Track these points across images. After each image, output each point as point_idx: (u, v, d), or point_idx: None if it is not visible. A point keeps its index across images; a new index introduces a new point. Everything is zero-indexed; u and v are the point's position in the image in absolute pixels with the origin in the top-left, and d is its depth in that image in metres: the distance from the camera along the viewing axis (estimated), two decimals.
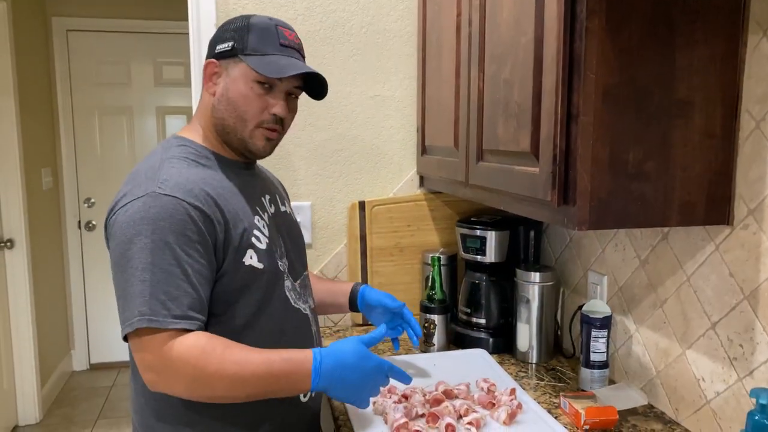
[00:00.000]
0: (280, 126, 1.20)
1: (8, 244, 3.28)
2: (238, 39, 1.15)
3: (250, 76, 1.14)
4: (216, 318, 1.12)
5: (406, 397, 1.34)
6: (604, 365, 1.46)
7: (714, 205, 1.13)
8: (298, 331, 1.24)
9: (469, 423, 1.25)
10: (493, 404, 1.33)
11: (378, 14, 1.93)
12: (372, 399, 1.33)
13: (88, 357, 4.30)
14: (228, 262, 1.11)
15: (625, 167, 1.07)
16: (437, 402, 1.31)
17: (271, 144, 1.21)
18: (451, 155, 1.64)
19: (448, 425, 1.21)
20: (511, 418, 1.28)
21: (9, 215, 3.30)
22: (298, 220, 1.92)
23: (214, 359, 1.03)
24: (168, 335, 1.02)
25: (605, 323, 1.44)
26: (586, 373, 1.47)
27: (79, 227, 4.18)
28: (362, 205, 1.95)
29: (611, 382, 1.51)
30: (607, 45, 1.04)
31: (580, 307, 1.51)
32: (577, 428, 1.29)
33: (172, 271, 1.03)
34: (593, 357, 1.45)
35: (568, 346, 1.72)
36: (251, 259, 1.14)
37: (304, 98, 1.89)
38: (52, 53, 4.00)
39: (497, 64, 1.32)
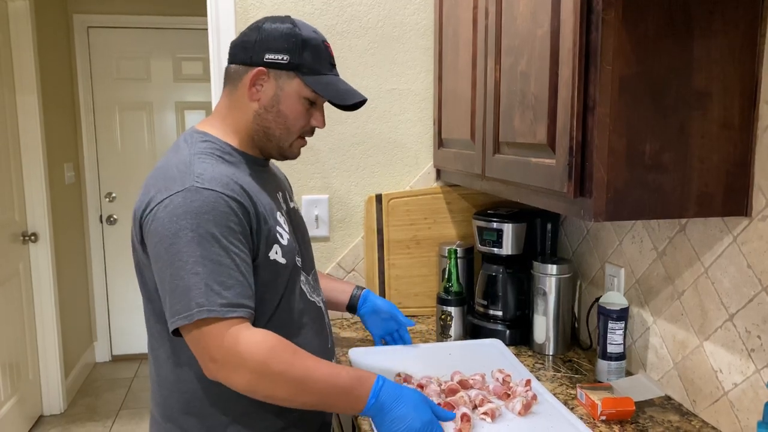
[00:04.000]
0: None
1: (32, 237, 3.34)
2: (293, 54, 1.16)
3: (302, 93, 1.18)
4: None
5: (421, 386, 1.36)
6: (621, 357, 1.46)
7: (732, 197, 1.12)
8: (314, 323, 1.26)
9: (485, 413, 1.26)
10: (509, 395, 1.34)
11: (395, 7, 1.94)
12: None
13: (110, 349, 4.37)
14: (259, 256, 1.14)
15: (641, 159, 1.07)
16: (452, 392, 1.33)
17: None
18: (467, 148, 1.65)
19: (463, 415, 1.22)
20: (527, 408, 1.29)
21: (33, 209, 3.36)
22: (316, 213, 1.96)
23: (282, 359, 1.05)
24: (226, 325, 1.04)
25: (622, 315, 1.44)
26: (602, 364, 1.47)
27: (101, 221, 4.24)
28: (379, 198, 1.96)
29: (628, 373, 1.51)
30: (624, 36, 1.03)
31: (597, 299, 1.51)
32: (594, 419, 1.29)
33: (222, 262, 1.05)
34: (610, 349, 1.45)
35: (585, 338, 1.72)
36: (276, 254, 1.16)
37: None
38: (74, 50, 4.06)
39: (514, 56, 1.32)
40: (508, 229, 1.74)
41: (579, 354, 1.68)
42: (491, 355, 1.61)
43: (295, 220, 1.33)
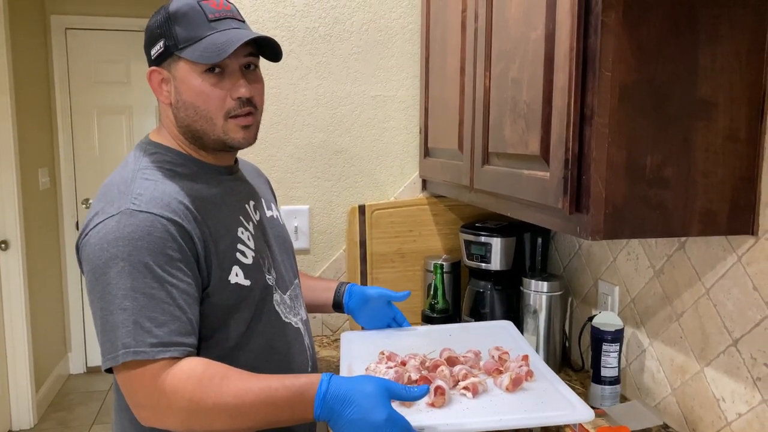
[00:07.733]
0: (251, 107, 1.07)
1: (3, 245, 3.21)
2: (167, 36, 1.04)
3: (195, 70, 1.03)
4: (204, 342, 1.04)
5: (404, 363, 1.25)
6: (615, 381, 1.38)
7: (737, 214, 1.05)
8: (290, 347, 1.16)
9: (465, 388, 1.14)
10: (500, 371, 1.22)
11: (380, 11, 1.86)
12: (365, 366, 1.25)
13: (85, 360, 4.23)
14: (213, 281, 1.03)
15: (642, 172, 1.00)
16: (436, 368, 1.21)
17: (251, 130, 1.09)
18: (455, 158, 1.57)
19: (437, 388, 1.10)
20: (516, 384, 1.16)
21: (4, 216, 3.23)
22: (295, 224, 1.87)
23: (211, 391, 0.94)
24: (159, 366, 0.94)
25: (617, 337, 1.36)
26: (596, 389, 1.39)
27: (77, 228, 4.11)
28: (362, 209, 1.87)
29: (623, 398, 1.43)
30: (625, 41, 0.96)
31: (590, 319, 1.43)
32: None
33: (155, 295, 0.95)
34: (604, 372, 1.37)
35: (577, 359, 1.64)
36: (237, 276, 1.06)
37: (300, 97, 1.83)
38: (51, 51, 3.93)
39: (505, 62, 1.25)
40: (496, 243, 1.66)
41: (570, 376, 1.60)
42: (497, 337, 1.45)
43: (272, 232, 1.22)
